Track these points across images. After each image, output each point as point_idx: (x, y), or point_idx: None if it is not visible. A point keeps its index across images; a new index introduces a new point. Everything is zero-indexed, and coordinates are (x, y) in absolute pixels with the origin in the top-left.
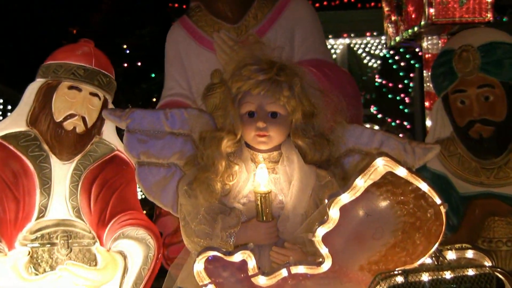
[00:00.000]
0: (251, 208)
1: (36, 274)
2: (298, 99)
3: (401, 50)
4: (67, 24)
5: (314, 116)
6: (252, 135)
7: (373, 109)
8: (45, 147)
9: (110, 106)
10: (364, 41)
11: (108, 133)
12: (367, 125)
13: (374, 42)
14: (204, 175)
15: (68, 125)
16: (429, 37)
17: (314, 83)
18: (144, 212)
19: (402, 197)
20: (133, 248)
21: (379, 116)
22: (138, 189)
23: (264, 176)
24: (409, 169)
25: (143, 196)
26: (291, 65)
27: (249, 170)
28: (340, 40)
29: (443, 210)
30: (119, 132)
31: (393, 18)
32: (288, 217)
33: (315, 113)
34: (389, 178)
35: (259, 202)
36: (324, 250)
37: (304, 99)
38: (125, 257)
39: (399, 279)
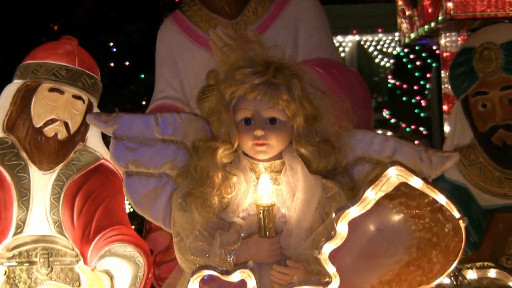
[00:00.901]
0: (252, 222)
1: None
2: (298, 102)
3: (416, 48)
4: (48, 19)
5: (318, 120)
6: (249, 144)
7: (385, 113)
8: (24, 155)
9: (95, 110)
10: (376, 38)
11: (93, 140)
12: (379, 131)
13: (387, 39)
14: (199, 189)
15: (49, 131)
16: (447, 34)
17: (316, 83)
18: (133, 227)
19: (417, 211)
20: (120, 267)
21: (392, 121)
22: (126, 202)
23: (267, 186)
24: (425, 180)
25: (132, 209)
26: (289, 64)
27: (248, 181)
28: (349, 37)
29: (462, 224)
30: (105, 139)
31: (407, 12)
32: (292, 232)
33: (318, 116)
34: (402, 190)
35: (261, 216)
36: (331, 268)
37: (306, 102)
38: (111, 277)
39: None
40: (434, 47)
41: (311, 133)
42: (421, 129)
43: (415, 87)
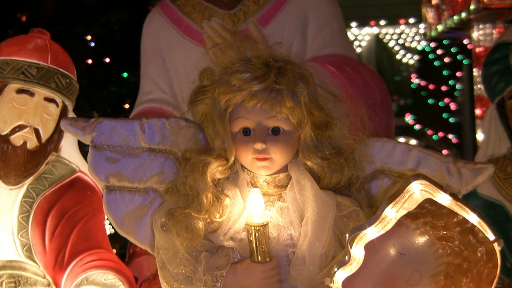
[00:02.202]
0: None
1: None
2: (306, 109)
3: (444, 42)
4: (15, 9)
5: (329, 128)
6: (249, 158)
7: (408, 118)
8: None
9: (71, 114)
10: (397, 31)
11: (68, 149)
12: (401, 139)
13: (410, 31)
14: (184, 211)
15: (17, 139)
16: (481, 26)
17: (327, 84)
18: (114, 251)
19: (444, 232)
20: None
21: (417, 127)
22: (107, 222)
23: (258, 203)
24: (454, 196)
25: (113, 231)
26: (294, 65)
27: (246, 198)
28: (366, 30)
29: (497, 248)
30: (82, 148)
31: (434, 1)
32: (304, 259)
33: (329, 124)
34: (428, 208)
35: (252, 238)
36: None
37: (314, 108)
38: None
39: None
40: (465, 41)
41: (321, 143)
42: (450, 136)
43: (443, 88)
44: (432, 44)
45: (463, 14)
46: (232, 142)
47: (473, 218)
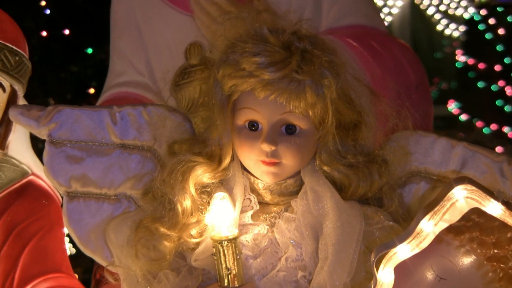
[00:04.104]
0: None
1: None
2: (331, 106)
3: (498, 9)
4: None
5: (357, 128)
6: (253, 160)
7: (452, 107)
8: None
9: (22, 101)
10: None
11: (18, 146)
12: (441, 134)
13: None
14: (151, 225)
15: None
16: None
17: (360, 75)
18: (76, 275)
19: (495, 250)
20: None
21: (463, 117)
22: (67, 238)
23: (225, 211)
24: (508, 205)
25: (75, 250)
26: (322, 48)
27: (242, 208)
28: None
29: None
30: (36, 145)
31: None
32: None
33: (359, 123)
34: (475, 220)
35: (218, 256)
36: None
37: (343, 105)
38: None
39: None
40: None
41: (345, 147)
42: (506, 130)
43: (497, 68)
44: (483, 12)
45: None
46: (229, 136)
47: None
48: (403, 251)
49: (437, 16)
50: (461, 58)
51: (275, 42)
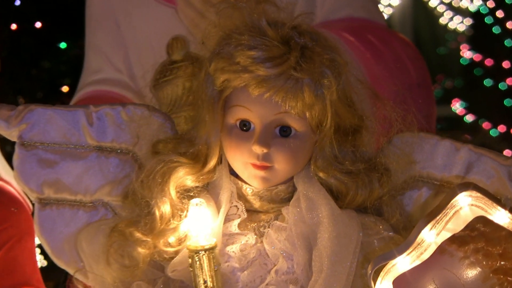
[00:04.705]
0: (226, 281)
1: None
2: (331, 108)
3: (507, 1)
4: None
5: (358, 133)
6: (242, 162)
7: (457, 106)
8: None
9: None
10: None
11: None
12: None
13: None
14: (126, 229)
15: None
16: None
17: (363, 76)
18: None
19: (502, 262)
20: None
21: (468, 118)
22: (38, 249)
23: (201, 218)
24: None
25: (47, 262)
26: (323, 45)
27: (226, 216)
28: None
29: None
30: (5, 147)
31: None
32: None
33: (360, 128)
34: (480, 229)
35: (194, 267)
36: None
37: (343, 108)
38: None
39: None
40: None
41: (344, 153)
42: None
43: (505, 65)
44: (490, 4)
45: None
46: (219, 137)
47: None
48: (403, 263)
49: (441, 8)
50: (466, 54)
51: (273, 35)
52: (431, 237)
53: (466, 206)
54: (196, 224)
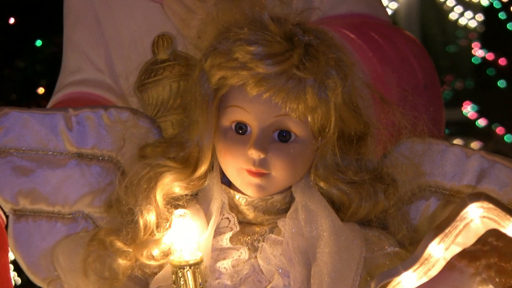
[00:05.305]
0: None
1: None
2: (335, 112)
3: None
4: None
5: (362, 141)
6: (236, 168)
7: (468, 110)
8: None
9: None
10: None
11: None
12: (456, 141)
13: None
14: (106, 237)
15: None
16: None
17: (367, 77)
18: None
19: None
20: None
21: (481, 122)
22: (12, 265)
23: (186, 232)
24: None
25: (21, 278)
26: (329, 44)
27: (216, 229)
28: None
29: None
30: None
31: None
32: None
33: (365, 135)
34: (493, 243)
35: (178, 284)
36: None
37: (348, 113)
38: None
39: None
40: None
41: (348, 162)
42: None
43: None
44: None
45: None
46: (212, 139)
47: None
48: (409, 280)
49: (450, 3)
50: (478, 52)
51: (276, 30)
52: (439, 252)
53: (477, 218)
54: (180, 237)
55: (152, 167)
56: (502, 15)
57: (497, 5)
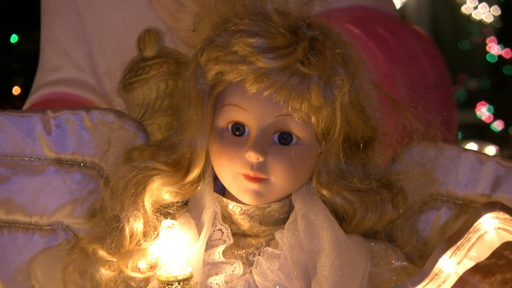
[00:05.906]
0: None
1: None
2: (341, 114)
3: None
4: None
5: (371, 147)
6: (232, 173)
7: (483, 111)
8: None
9: None
10: None
11: None
12: (469, 146)
13: None
14: (88, 245)
15: None
16: None
17: (375, 77)
18: None
19: None
20: None
21: (496, 125)
22: None
23: (175, 245)
24: None
25: None
26: (336, 39)
27: (206, 242)
28: None
29: None
30: None
31: None
32: None
33: (372, 140)
34: (508, 257)
35: None
36: None
37: (355, 114)
38: None
39: None
40: None
41: (353, 169)
42: None
43: None
44: None
45: None
46: (206, 141)
47: None
48: None
49: None
50: (494, 49)
51: (279, 22)
52: (450, 266)
53: (492, 229)
54: (168, 251)
55: (140, 170)
56: None
57: None
